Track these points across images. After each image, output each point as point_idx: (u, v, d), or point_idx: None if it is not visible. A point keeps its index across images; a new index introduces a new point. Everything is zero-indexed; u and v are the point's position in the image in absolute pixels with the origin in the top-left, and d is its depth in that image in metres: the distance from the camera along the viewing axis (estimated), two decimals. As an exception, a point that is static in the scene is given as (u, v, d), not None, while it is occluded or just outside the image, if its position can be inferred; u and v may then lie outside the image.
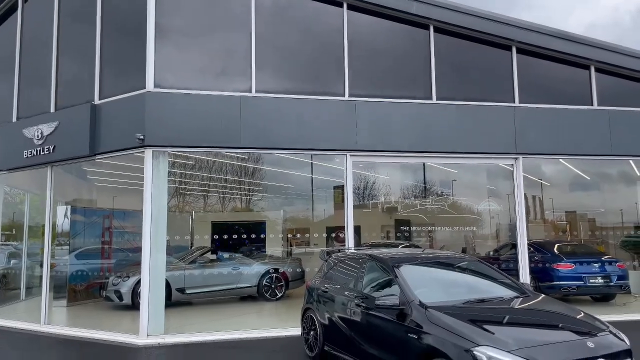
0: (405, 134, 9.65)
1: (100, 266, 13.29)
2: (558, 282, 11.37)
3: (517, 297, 5.63)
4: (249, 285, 12.58)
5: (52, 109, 10.21)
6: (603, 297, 12.15)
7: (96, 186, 14.46)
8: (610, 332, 4.76)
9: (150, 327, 8.33)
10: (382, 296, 5.50)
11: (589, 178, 18.42)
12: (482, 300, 5.41)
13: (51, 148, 9.76)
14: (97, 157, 9.44)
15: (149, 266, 8.45)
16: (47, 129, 9.87)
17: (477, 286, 5.92)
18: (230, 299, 12.65)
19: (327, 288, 6.96)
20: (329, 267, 7.39)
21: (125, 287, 11.14)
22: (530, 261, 11.83)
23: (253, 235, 16.47)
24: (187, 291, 11.86)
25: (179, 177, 17.21)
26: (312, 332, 7.10)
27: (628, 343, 4.63)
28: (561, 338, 4.59)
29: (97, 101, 9.48)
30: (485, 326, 4.64)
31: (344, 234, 9.52)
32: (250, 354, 7.50)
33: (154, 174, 8.75)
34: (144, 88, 8.87)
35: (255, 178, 18.59)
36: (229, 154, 11.98)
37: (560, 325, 4.87)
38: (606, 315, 10.16)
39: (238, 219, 18.27)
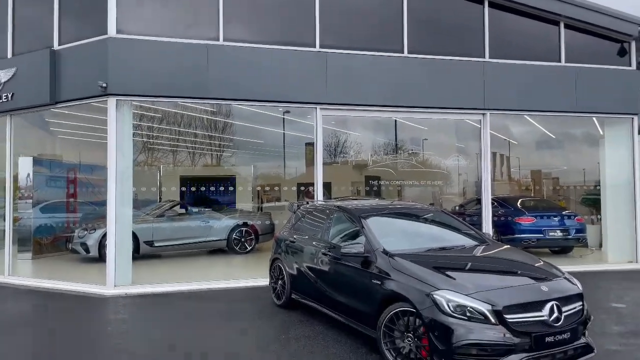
0: (376, 87, 9.59)
1: (65, 219, 13.08)
2: (519, 235, 11.77)
3: (478, 245, 5.81)
4: (218, 238, 12.61)
5: (10, 55, 9.73)
6: (562, 249, 12.65)
7: (61, 139, 14.06)
8: (565, 277, 4.97)
9: (117, 278, 8.32)
10: (348, 245, 5.60)
11: (554, 137, 18.86)
12: (444, 249, 5.56)
13: (9, 96, 9.37)
14: (59, 105, 9.11)
15: (115, 219, 8.35)
16: (4, 75, 9.43)
17: (440, 236, 6.07)
18: (200, 253, 12.70)
19: (295, 239, 7.03)
20: (297, 218, 7.44)
21: (92, 240, 11.04)
22: (494, 215, 12.18)
23: (223, 190, 16.41)
24: (156, 244, 11.83)
25: (148, 131, 16.87)
26: (279, 282, 7.22)
27: (580, 288, 4.85)
28: (517, 282, 4.78)
29: (56, 47, 9.07)
30: (446, 272, 4.78)
31: (314, 190, 9.56)
32: (217, 303, 7.59)
33: (118, 125, 8.53)
34: (106, 34, 8.51)
35: (226, 133, 18.36)
36: (198, 107, 11.75)
37: (518, 271, 5.07)
38: (563, 267, 10.62)
39: (208, 174, 18.11)
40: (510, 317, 4.28)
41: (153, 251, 11.83)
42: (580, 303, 4.70)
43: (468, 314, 4.32)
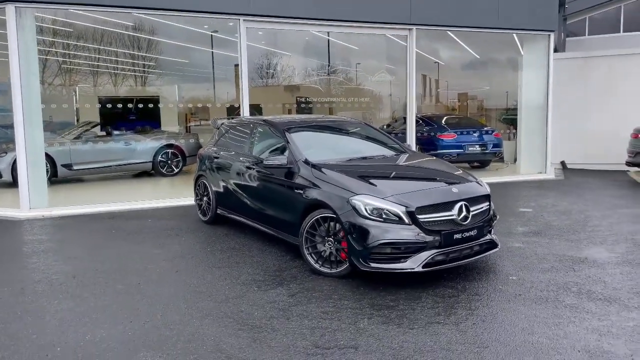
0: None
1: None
2: (441, 151, 12.24)
3: (398, 155, 5.99)
4: (142, 161, 12.20)
5: None
6: (480, 163, 13.36)
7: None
8: (476, 182, 5.25)
9: (32, 201, 7.94)
10: (271, 157, 5.61)
11: (479, 57, 19.30)
12: (365, 158, 5.69)
13: None
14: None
15: (24, 139, 7.82)
16: None
17: (363, 147, 6.19)
18: (125, 176, 12.30)
19: (219, 154, 6.92)
20: (220, 134, 7.29)
21: (4, 163, 10.36)
22: (419, 132, 12.55)
23: (146, 112, 15.70)
24: (75, 167, 11.28)
25: (65, 49, 15.59)
26: (205, 198, 7.17)
27: (488, 190, 5.16)
28: (431, 186, 5.02)
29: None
30: (365, 179, 4.92)
31: (241, 111, 9.33)
32: (140, 221, 7.47)
33: (19, 36, 7.76)
34: None
35: (150, 52, 17.32)
36: (107, 18, 10.87)
37: (432, 176, 5.29)
38: (480, 178, 11.31)
39: (130, 94, 17.19)
40: (422, 217, 4.52)
41: (73, 175, 11.30)
42: (487, 204, 5.02)
43: (384, 216, 4.52)
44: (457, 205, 4.65)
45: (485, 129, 13.10)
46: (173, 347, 3.55)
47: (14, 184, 9.91)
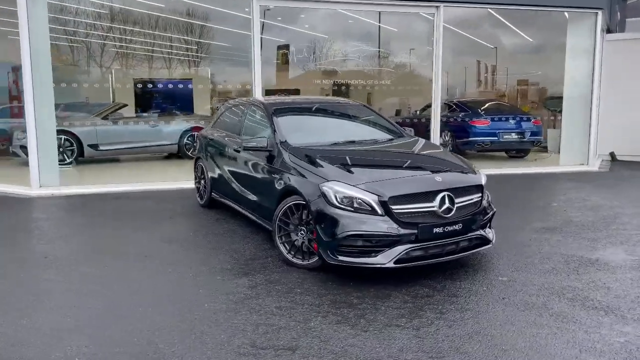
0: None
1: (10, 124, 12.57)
2: (473, 138, 11.55)
3: (392, 140, 5.53)
4: (168, 143, 12.22)
5: None
6: (518, 152, 12.52)
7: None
8: (470, 171, 4.73)
9: (42, 179, 8.03)
10: (252, 139, 5.31)
11: (532, 40, 18.17)
12: (352, 142, 5.27)
13: None
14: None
15: (35, 120, 7.89)
16: None
17: (355, 130, 5.78)
18: (150, 157, 12.38)
19: (213, 136, 6.70)
20: (218, 115, 7.07)
21: (25, 143, 10.63)
22: (451, 119, 11.89)
23: (178, 94, 15.78)
24: (101, 147, 11.44)
25: (103, 31, 15.93)
26: (202, 182, 6.98)
27: (482, 180, 4.62)
28: (412, 174, 4.55)
29: None
30: (343, 164, 4.53)
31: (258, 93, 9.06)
32: (142, 203, 7.39)
33: (30, 11, 7.74)
34: None
35: (188, 35, 17.42)
36: (153, 4, 10.87)
37: (419, 163, 4.79)
38: (516, 169, 10.56)
39: (163, 76, 17.34)
40: (396, 208, 4.08)
41: (99, 155, 11.48)
42: (479, 195, 4.49)
43: (356, 205, 4.12)
44: (439, 196, 4.18)
45: (524, 115, 12.22)
46: (102, 334, 3.34)
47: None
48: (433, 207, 4.16)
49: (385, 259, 4.04)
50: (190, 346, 3.22)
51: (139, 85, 15.14)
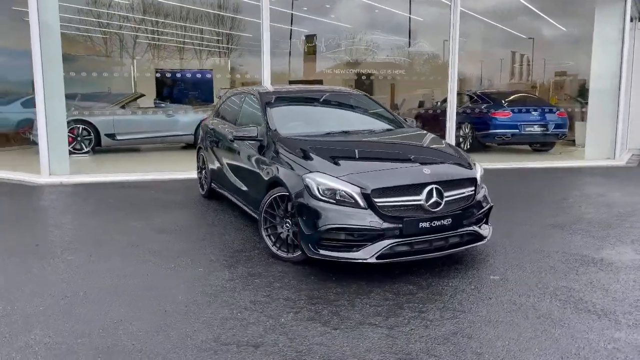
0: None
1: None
2: (494, 131, 11.17)
3: (389, 130, 5.33)
4: (184, 133, 12.26)
5: None
6: (543, 146, 12.06)
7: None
8: (466, 164, 4.50)
9: (52, 167, 8.15)
10: (242, 128, 5.19)
11: (565, 29, 17.53)
12: (347, 133, 5.09)
13: None
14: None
15: (45, 107, 8.00)
16: None
17: (351, 120, 5.59)
18: (167, 147, 12.45)
19: (213, 126, 6.62)
20: (218, 105, 6.98)
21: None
22: (472, 110, 11.53)
23: (198, 85, 15.85)
24: (118, 137, 11.57)
25: (136, 23, 16.12)
26: (203, 172, 6.93)
27: (476, 173, 4.38)
28: (399, 165, 4.34)
29: None
30: (331, 155, 4.36)
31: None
32: (145, 193, 7.39)
33: (40, 5, 7.83)
34: None
35: (210, 25, 17.47)
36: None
37: (411, 156, 4.55)
38: (539, 163, 10.15)
39: (183, 67, 17.45)
40: (380, 201, 3.90)
41: (116, 144, 11.61)
42: (472, 189, 4.26)
43: (338, 197, 3.96)
44: (426, 189, 3.97)
45: (548, 107, 11.73)
46: (68, 325, 3.30)
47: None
48: (420, 200, 3.96)
49: (366, 254, 3.87)
50: (153, 339, 3.14)
51: (160, 75, 15.27)
